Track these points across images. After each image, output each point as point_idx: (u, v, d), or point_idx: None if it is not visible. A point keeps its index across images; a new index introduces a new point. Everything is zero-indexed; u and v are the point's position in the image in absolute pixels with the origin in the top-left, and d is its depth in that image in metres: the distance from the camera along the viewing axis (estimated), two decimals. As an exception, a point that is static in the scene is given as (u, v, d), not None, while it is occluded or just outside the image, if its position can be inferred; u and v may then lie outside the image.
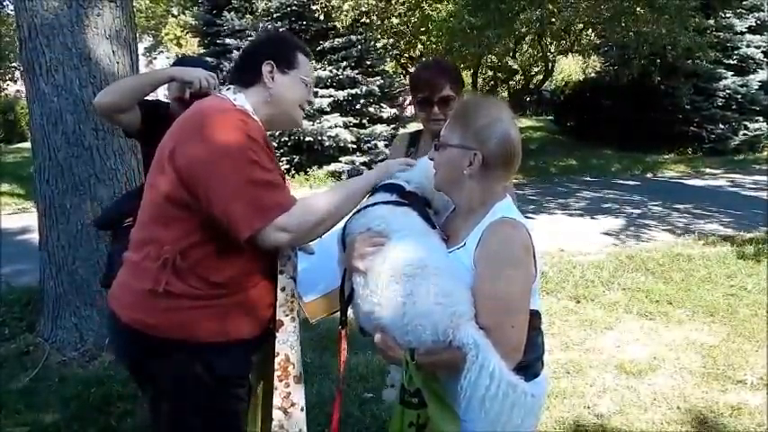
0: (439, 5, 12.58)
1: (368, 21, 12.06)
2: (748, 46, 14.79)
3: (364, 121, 11.77)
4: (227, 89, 1.63)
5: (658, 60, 14.26)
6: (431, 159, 1.51)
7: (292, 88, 1.62)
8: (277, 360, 1.55)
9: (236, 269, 1.49)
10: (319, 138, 10.91)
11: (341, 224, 1.59)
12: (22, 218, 7.87)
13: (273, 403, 1.56)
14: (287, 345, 1.56)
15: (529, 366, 1.41)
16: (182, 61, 2.53)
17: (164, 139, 1.52)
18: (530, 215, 8.24)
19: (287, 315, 1.57)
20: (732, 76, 14.68)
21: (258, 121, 1.54)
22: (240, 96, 1.58)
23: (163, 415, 1.56)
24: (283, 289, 1.57)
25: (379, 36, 13.00)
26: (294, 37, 1.78)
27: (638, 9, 11.05)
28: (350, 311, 1.58)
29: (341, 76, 11.24)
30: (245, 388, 1.58)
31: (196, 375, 1.48)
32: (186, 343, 1.46)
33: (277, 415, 1.55)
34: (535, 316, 1.45)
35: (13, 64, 20.18)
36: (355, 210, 1.57)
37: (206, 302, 1.47)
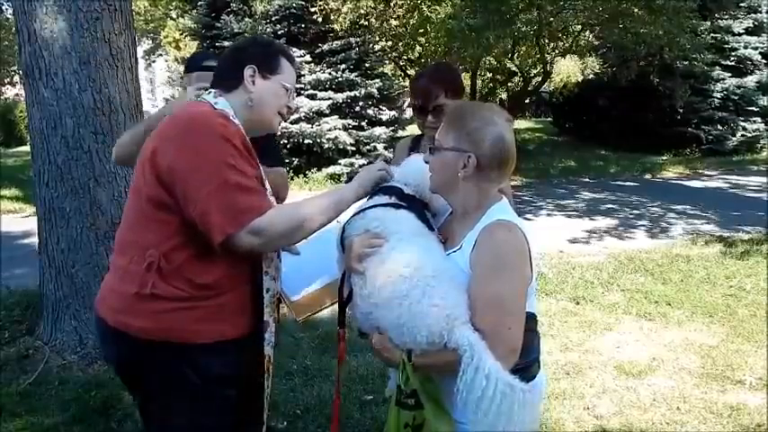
0: (438, 7, 12.57)
1: (366, 23, 12.06)
2: (745, 47, 14.82)
3: (363, 123, 11.75)
4: (209, 93, 1.61)
5: (656, 61, 14.28)
6: (426, 162, 1.52)
7: (273, 93, 1.61)
8: None
9: (221, 270, 1.49)
10: (318, 140, 10.90)
11: (332, 226, 1.60)
12: (21, 221, 7.87)
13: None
14: (269, 345, 1.60)
15: (525, 369, 1.41)
16: (194, 57, 2.52)
17: (146, 142, 1.53)
18: (529, 216, 8.25)
19: (270, 316, 1.60)
20: (729, 77, 14.71)
21: (239, 125, 1.54)
22: (221, 100, 1.57)
23: (152, 416, 1.57)
24: (267, 290, 1.58)
25: (377, 38, 12.99)
26: (279, 42, 1.78)
27: (635, 10, 11.08)
28: (348, 312, 1.60)
29: (340, 79, 11.23)
30: (235, 388, 1.58)
31: (184, 376, 1.49)
32: (173, 344, 1.47)
33: None
34: (531, 318, 1.45)
35: (13, 68, 20.18)
36: (354, 212, 1.57)
37: (192, 304, 1.48)
